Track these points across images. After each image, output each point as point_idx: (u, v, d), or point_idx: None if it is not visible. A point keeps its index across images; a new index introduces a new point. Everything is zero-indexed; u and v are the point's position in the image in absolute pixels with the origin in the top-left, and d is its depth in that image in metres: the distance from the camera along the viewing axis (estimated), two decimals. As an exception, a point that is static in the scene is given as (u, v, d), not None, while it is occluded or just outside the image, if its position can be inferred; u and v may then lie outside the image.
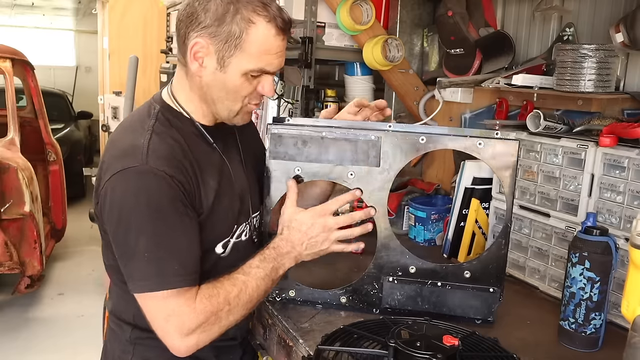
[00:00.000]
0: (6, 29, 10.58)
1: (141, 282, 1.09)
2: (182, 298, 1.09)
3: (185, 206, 1.13)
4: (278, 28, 1.14)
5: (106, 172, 1.12)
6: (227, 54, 1.13)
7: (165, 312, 1.09)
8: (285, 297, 1.43)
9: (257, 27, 1.12)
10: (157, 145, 1.13)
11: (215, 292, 1.13)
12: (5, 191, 3.58)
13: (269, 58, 1.16)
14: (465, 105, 2.18)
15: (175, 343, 1.10)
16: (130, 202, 1.09)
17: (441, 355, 1.02)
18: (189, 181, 1.14)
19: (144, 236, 1.08)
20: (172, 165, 1.12)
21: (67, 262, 4.99)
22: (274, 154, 1.36)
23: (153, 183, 1.09)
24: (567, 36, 1.83)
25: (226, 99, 1.19)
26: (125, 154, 1.12)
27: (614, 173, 1.41)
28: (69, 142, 6.60)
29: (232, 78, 1.16)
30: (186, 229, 1.13)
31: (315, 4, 2.20)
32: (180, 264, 1.10)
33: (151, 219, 1.08)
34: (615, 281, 1.33)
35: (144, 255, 1.08)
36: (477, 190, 1.79)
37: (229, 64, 1.14)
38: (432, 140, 1.32)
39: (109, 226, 1.13)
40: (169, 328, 1.10)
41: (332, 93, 2.31)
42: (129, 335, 1.26)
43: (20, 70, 4.48)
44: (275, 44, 1.15)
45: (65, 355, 3.46)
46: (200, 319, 1.10)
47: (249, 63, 1.14)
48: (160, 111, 1.22)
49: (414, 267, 1.36)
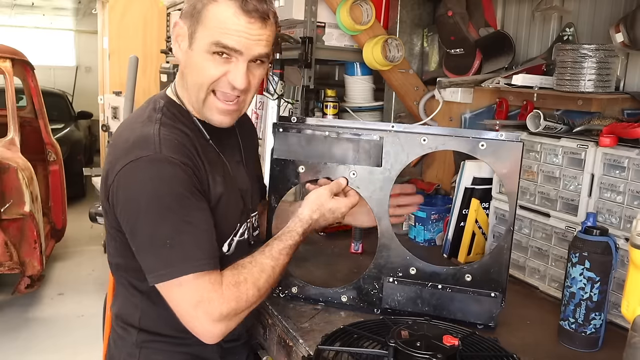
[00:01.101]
0: (6, 29, 10.58)
1: (165, 269, 1.07)
2: (208, 283, 1.08)
3: (200, 193, 1.13)
4: (240, 8, 1.11)
5: (116, 165, 1.10)
6: (193, 30, 1.15)
7: (194, 299, 1.07)
8: (289, 294, 1.45)
9: (218, 3, 1.12)
10: (167, 135, 1.13)
11: (242, 278, 1.13)
12: (5, 191, 3.58)
13: (224, 32, 1.12)
14: (465, 105, 2.18)
15: (207, 328, 1.09)
16: (147, 190, 1.08)
17: (441, 355, 1.02)
18: (199, 170, 1.15)
19: (165, 224, 1.07)
20: (184, 154, 1.12)
21: (67, 262, 4.99)
22: (279, 152, 1.38)
23: (169, 170, 1.08)
24: (567, 36, 1.83)
25: (195, 82, 1.18)
26: (136, 145, 1.11)
27: (614, 173, 1.41)
28: (69, 142, 6.60)
29: (197, 55, 1.15)
30: (204, 214, 1.12)
31: (315, 4, 2.20)
32: (202, 249, 1.09)
33: (170, 206, 1.07)
34: (615, 281, 1.33)
35: (165, 243, 1.06)
36: (477, 190, 1.79)
37: (194, 40, 1.15)
38: (433, 140, 1.31)
39: (124, 218, 1.11)
40: (199, 314, 1.07)
41: (332, 93, 2.30)
42: (135, 339, 1.25)
43: (20, 70, 4.48)
44: (235, 21, 1.11)
45: (65, 355, 3.46)
46: (231, 305, 1.09)
47: (206, 36, 1.13)
48: (165, 106, 1.23)
49: (414, 268, 1.35)
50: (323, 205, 1.32)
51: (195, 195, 1.11)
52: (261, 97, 2.24)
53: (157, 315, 1.22)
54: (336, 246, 1.92)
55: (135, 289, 1.23)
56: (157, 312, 1.21)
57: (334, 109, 2.29)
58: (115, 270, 1.28)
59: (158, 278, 1.08)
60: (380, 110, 2.46)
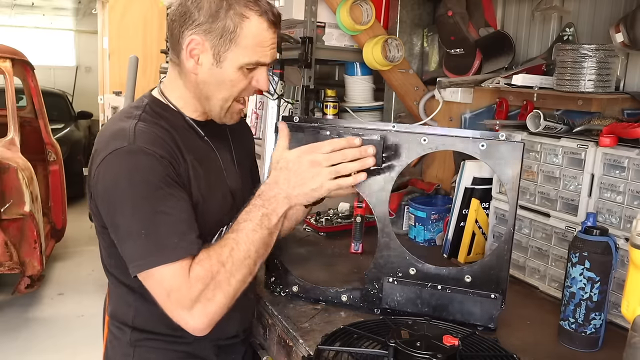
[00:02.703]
0: (6, 29, 10.58)
1: (141, 260, 1.06)
2: (179, 270, 1.06)
3: (176, 182, 1.12)
4: (270, 21, 1.17)
5: (96, 159, 1.12)
6: (223, 48, 1.16)
7: (165, 289, 1.06)
8: (290, 293, 1.45)
9: (250, 21, 1.15)
10: (144, 129, 1.14)
11: (205, 256, 1.09)
12: (5, 191, 3.58)
13: (263, 50, 1.18)
14: (465, 105, 2.18)
15: (184, 318, 1.07)
16: (122, 181, 1.08)
17: (441, 355, 1.02)
18: (177, 162, 1.15)
19: (140, 213, 1.07)
20: (159, 146, 1.12)
21: (67, 262, 4.99)
22: None
23: (143, 160, 1.09)
24: (567, 36, 1.83)
25: (221, 94, 1.21)
26: (112, 138, 1.13)
27: (614, 173, 1.41)
28: (69, 142, 6.60)
29: (229, 72, 1.18)
30: (180, 204, 1.11)
31: (315, 4, 2.20)
32: (179, 237, 1.08)
33: (144, 195, 1.07)
34: (615, 281, 1.33)
35: (141, 233, 1.06)
36: (477, 190, 1.79)
37: (225, 59, 1.17)
38: (434, 141, 1.31)
39: (104, 211, 1.12)
40: (172, 305, 1.07)
41: (332, 93, 2.31)
42: (129, 338, 1.25)
43: (20, 70, 4.48)
44: (267, 37, 1.18)
45: (65, 355, 3.46)
46: (198, 287, 1.06)
47: (245, 57, 1.17)
48: (149, 104, 1.24)
49: (414, 268, 1.35)
50: (281, 156, 1.23)
51: (171, 186, 1.10)
52: (261, 97, 2.24)
53: (150, 313, 1.21)
54: (336, 246, 1.92)
55: (127, 287, 1.23)
56: (150, 309, 1.20)
57: (334, 109, 2.29)
58: (107, 270, 1.27)
59: (137, 268, 1.07)
60: (380, 110, 2.46)
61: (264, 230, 1.15)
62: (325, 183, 1.19)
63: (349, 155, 1.22)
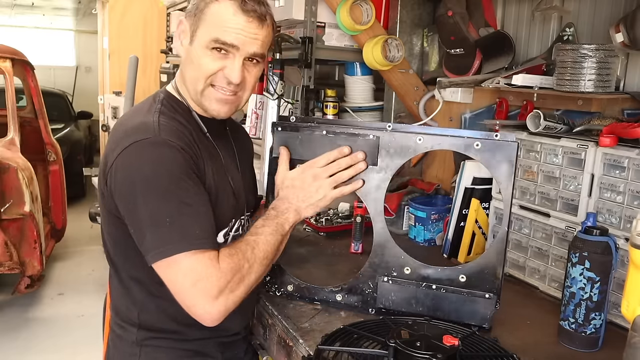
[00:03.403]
0: (6, 29, 10.58)
1: (164, 247, 1.07)
2: (207, 260, 1.08)
3: (196, 175, 1.15)
4: (240, 8, 1.17)
5: (115, 150, 1.13)
6: (194, 27, 1.21)
7: (192, 277, 1.07)
8: (285, 292, 1.45)
9: (219, 3, 1.18)
10: (166, 123, 1.18)
11: (234, 251, 1.14)
12: (5, 191, 3.58)
13: (223, 29, 1.18)
14: (465, 105, 2.18)
15: (206, 309, 1.08)
16: (146, 171, 1.10)
17: (441, 355, 1.02)
18: (197, 157, 1.18)
19: (164, 203, 1.08)
20: (182, 140, 1.16)
21: (67, 262, 4.99)
22: (278, 151, 1.40)
23: (168, 153, 1.11)
24: (567, 36, 1.83)
25: (193, 76, 1.23)
26: (135, 130, 1.15)
27: (614, 173, 1.41)
28: (69, 142, 6.60)
29: (197, 50, 1.21)
30: (201, 196, 1.15)
31: (315, 4, 2.20)
32: (201, 229, 1.10)
33: (169, 187, 1.09)
34: (615, 281, 1.33)
35: (165, 221, 1.07)
36: (477, 190, 1.79)
37: (195, 37, 1.21)
38: (429, 140, 1.32)
39: (123, 199, 1.12)
40: (197, 293, 1.07)
41: (332, 93, 2.31)
42: (135, 337, 1.25)
43: (20, 70, 4.48)
44: (233, 20, 1.18)
45: (65, 355, 3.46)
46: (227, 277, 1.09)
47: (206, 33, 1.19)
48: (165, 98, 1.28)
49: (408, 268, 1.35)
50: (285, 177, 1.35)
51: (192, 179, 1.13)
52: (261, 97, 2.24)
53: (156, 308, 1.22)
54: (336, 246, 1.92)
55: (133, 281, 1.23)
56: (157, 304, 1.21)
57: (334, 109, 2.29)
58: (112, 263, 1.27)
59: (157, 255, 1.07)
60: (380, 110, 2.46)
61: (279, 235, 1.24)
62: (329, 193, 1.31)
63: (343, 164, 1.33)
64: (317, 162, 1.33)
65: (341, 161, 1.33)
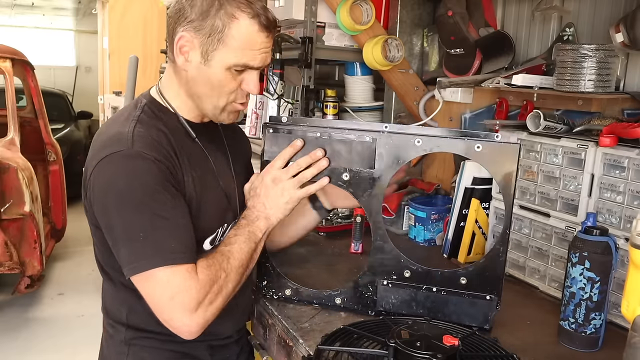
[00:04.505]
0: (6, 29, 10.58)
1: (138, 262, 1.07)
2: (185, 273, 1.08)
3: (175, 188, 1.13)
4: (261, 25, 1.15)
5: (92, 161, 1.13)
6: (211, 47, 1.16)
7: (169, 291, 1.07)
8: (282, 296, 1.44)
9: (240, 22, 1.14)
10: (142, 133, 1.15)
11: (211, 262, 1.14)
12: (5, 191, 3.58)
13: (252, 53, 1.17)
14: (465, 105, 2.18)
15: (184, 322, 1.08)
16: (120, 184, 1.09)
17: (441, 355, 1.02)
18: (175, 167, 1.16)
19: (138, 217, 1.07)
20: (157, 151, 1.13)
21: (67, 262, 4.99)
22: (269, 153, 1.35)
23: (142, 165, 1.09)
24: (567, 36, 1.83)
25: (211, 94, 1.21)
26: (110, 142, 1.13)
27: (614, 173, 1.41)
28: (69, 142, 6.60)
29: (216, 72, 1.17)
30: (179, 208, 1.13)
31: (315, 4, 2.19)
32: (177, 242, 1.09)
33: (142, 200, 1.08)
34: (615, 281, 1.32)
35: (139, 236, 1.06)
36: (477, 190, 1.79)
37: (213, 58, 1.16)
38: (428, 142, 1.29)
39: (100, 213, 1.12)
40: (175, 307, 1.07)
41: (332, 93, 2.31)
42: (124, 336, 1.25)
43: (20, 70, 4.48)
44: (258, 40, 1.16)
45: (65, 355, 3.46)
46: (206, 289, 1.09)
47: (232, 58, 1.16)
48: (147, 104, 1.24)
49: (408, 271, 1.34)
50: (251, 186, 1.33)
51: (169, 190, 1.11)
52: (261, 97, 2.24)
53: (144, 311, 1.21)
54: (336, 246, 1.92)
55: (122, 285, 1.23)
56: (144, 307, 1.20)
57: (334, 109, 2.29)
58: (101, 268, 1.28)
59: (132, 270, 1.07)
60: (380, 110, 2.46)
61: (252, 243, 1.23)
62: (294, 194, 1.29)
63: (303, 163, 1.31)
64: (274, 164, 1.32)
65: (300, 161, 1.31)
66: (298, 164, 1.31)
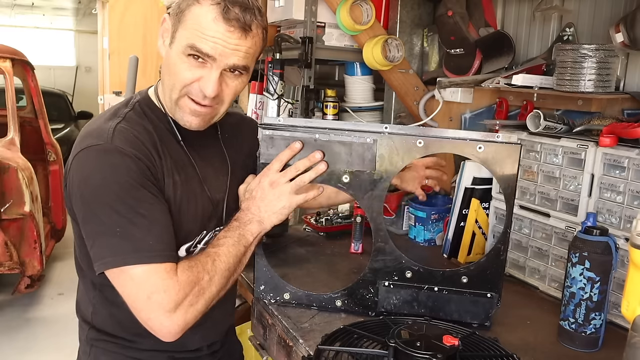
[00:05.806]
0: (6, 29, 10.59)
1: (113, 257, 1.03)
2: (164, 272, 1.04)
3: (153, 184, 1.11)
4: (221, 15, 1.08)
5: (72, 153, 1.11)
6: (175, 28, 1.14)
7: (146, 290, 1.03)
8: (280, 300, 1.42)
9: (201, 6, 1.09)
10: (124, 129, 1.12)
11: (193, 263, 1.10)
12: (5, 191, 3.58)
13: (202, 37, 1.09)
14: (465, 105, 2.18)
15: (163, 323, 1.04)
16: (96, 178, 1.06)
17: (441, 355, 1.02)
18: (155, 167, 1.13)
19: (114, 212, 1.04)
20: (137, 148, 1.10)
21: (67, 262, 4.98)
22: (266, 156, 1.31)
23: (120, 160, 1.07)
24: (567, 36, 1.83)
25: (169, 82, 1.16)
26: (90, 135, 1.11)
27: (614, 173, 1.41)
28: (69, 142, 6.57)
29: (174, 54, 1.13)
30: (157, 206, 1.09)
31: (315, 4, 2.20)
32: (156, 240, 1.06)
33: (119, 195, 1.05)
34: (615, 281, 1.33)
35: (115, 231, 1.03)
36: (477, 190, 1.78)
37: (174, 40, 1.13)
38: (430, 143, 1.28)
39: (77, 207, 1.10)
40: (152, 307, 1.03)
41: (332, 93, 2.31)
42: (87, 335, 1.25)
43: (20, 70, 4.47)
44: (212, 28, 1.08)
45: (65, 355, 3.45)
46: (186, 290, 1.06)
47: (183, 39, 1.11)
48: (139, 102, 1.22)
49: (410, 271, 1.34)
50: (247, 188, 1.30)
51: (148, 187, 1.09)
52: (261, 97, 2.24)
53: (108, 314, 1.21)
54: (336, 246, 1.92)
55: (90, 283, 1.22)
56: (109, 310, 1.19)
57: (334, 109, 2.29)
58: (77, 263, 1.25)
59: (105, 265, 1.04)
60: (380, 110, 2.46)
61: (241, 247, 1.19)
62: (292, 200, 1.25)
63: (301, 167, 1.27)
64: (272, 167, 1.27)
65: (298, 164, 1.27)
66: (296, 167, 1.27)
